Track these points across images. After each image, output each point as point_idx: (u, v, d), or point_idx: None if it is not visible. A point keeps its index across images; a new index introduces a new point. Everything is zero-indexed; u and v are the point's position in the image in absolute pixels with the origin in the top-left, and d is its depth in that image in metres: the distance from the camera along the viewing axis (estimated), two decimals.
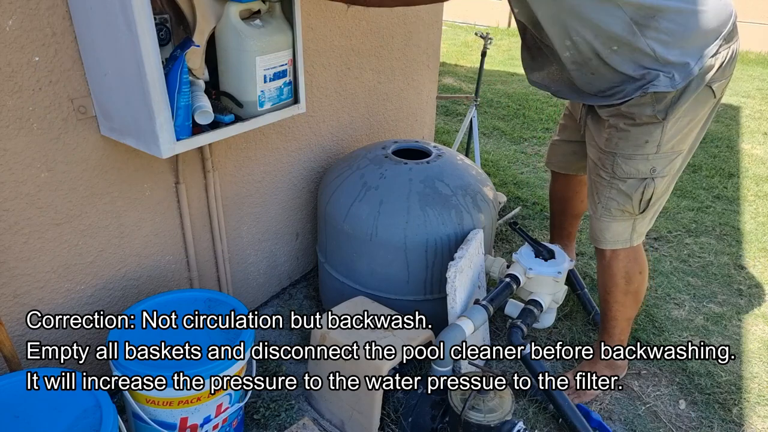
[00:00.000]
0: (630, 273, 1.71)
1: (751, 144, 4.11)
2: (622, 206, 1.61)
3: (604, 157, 1.61)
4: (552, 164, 2.13)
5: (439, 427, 1.57)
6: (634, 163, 1.55)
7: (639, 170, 1.55)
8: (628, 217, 1.63)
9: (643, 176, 1.56)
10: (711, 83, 1.46)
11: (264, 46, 1.43)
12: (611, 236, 1.67)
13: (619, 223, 1.65)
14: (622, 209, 1.62)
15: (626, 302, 1.75)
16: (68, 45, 1.31)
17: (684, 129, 1.52)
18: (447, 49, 7.02)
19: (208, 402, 1.41)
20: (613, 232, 1.66)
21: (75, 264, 1.51)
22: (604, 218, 1.65)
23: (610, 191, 1.61)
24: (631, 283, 1.72)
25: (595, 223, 1.69)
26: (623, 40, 1.40)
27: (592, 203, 1.69)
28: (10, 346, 1.33)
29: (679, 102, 1.46)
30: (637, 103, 1.49)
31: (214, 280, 1.96)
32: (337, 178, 1.98)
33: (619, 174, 1.58)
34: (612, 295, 1.76)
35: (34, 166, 1.34)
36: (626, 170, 1.57)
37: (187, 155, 1.67)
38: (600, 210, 1.66)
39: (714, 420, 1.79)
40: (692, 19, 1.39)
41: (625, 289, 1.73)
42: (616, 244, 1.68)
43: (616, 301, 1.76)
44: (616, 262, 1.71)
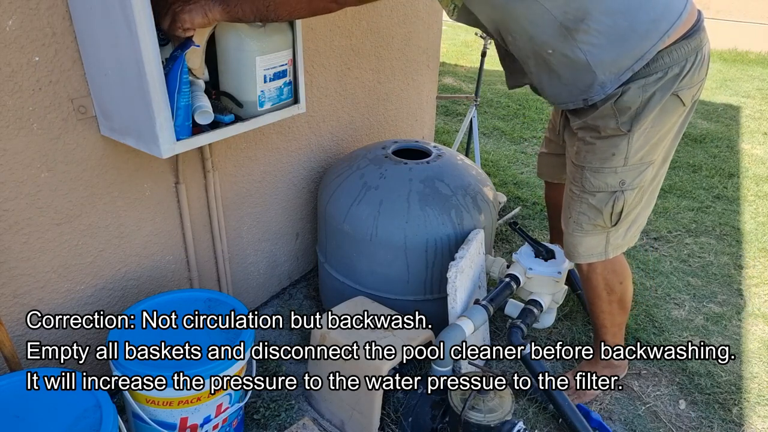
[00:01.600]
0: (610, 284, 1.70)
1: (751, 144, 4.11)
2: (593, 221, 1.59)
3: (574, 170, 1.59)
4: (542, 174, 2.12)
5: (439, 427, 1.57)
6: (603, 177, 1.52)
7: (608, 183, 1.52)
8: (601, 231, 1.61)
9: (612, 189, 1.52)
10: (677, 91, 1.42)
11: (264, 46, 1.43)
12: (584, 250, 1.64)
13: (592, 237, 1.62)
14: (593, 224, 1.59)
15: (612, 310, 1.75)
16: (68, 45, 1.31)
17: (653, 139, 1.49)
18: (447, 49, 7.02)
19: (208, 402, 1.41)
20: (586, 246, 1.63)
21: (75, 264, 1.51)
22: (576, 233, 1.62)
23: (581, 206, 1.58)
24: (613, 293, 1.71)
25: (568, 238, 1.66)
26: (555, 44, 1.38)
27: (564, 218, 1.66)
28: (10, 346, 1.33)
29: (644, 113, 1.42)
30: (601, 116, 1.46)
31: (214, 280, 1.96)
32: (337, 178, 1.98)
33: (588, 188, 1.55)
34: (596, 305, 1.75)
35: (34, 166, 1.34)
36: (595, 184, 1.54)
37: (187, 155, 1.67)
38: (572, 225, 1.63)
39: (714, 420, 1.79)
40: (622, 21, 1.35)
41: (608, 299, 1.72)
42: (591, 257, 1.65)
43: (602, 311, 1.76)
44: (594, 275, 1.69)
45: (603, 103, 1.43)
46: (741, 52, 7.07)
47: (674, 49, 1.38)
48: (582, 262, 1.67)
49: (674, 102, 1.45)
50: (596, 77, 1.39)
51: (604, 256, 1.64)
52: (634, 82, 1.39)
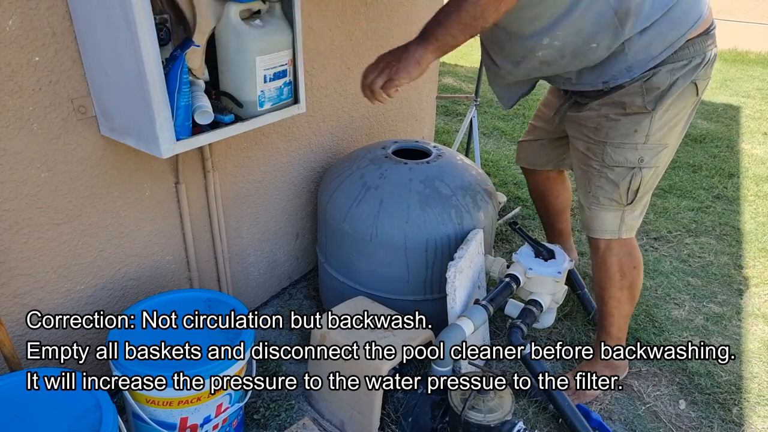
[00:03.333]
0: (624, 267, 1.74)
1: (751, 144, 4.11)
2: (609, 195, 1.66)
3: (594, 147, 1.65)
4: (521, 160, 2.22)
5: (439, 427, 1.57)
6: (623, 152, 1.60)
7: (627, 159, 1.60)
8: (617, 207, 1.67)
9: (631, 165, 1.60)
10: (695, 80, 1.52)
11: (264, 46, 1.43)
12: (599, 225, 1.71)
13: (608, 213, 1.69)
14: (609, 198, 1.66)
15: (622, 298, 1.78)
16: (68, 45, 1.31)
17: (670, 122, 1.57)
18: None
19: (208, 402, 1.41)
20: (601, 221, 1.70)
21: (75, 264, 1.51)
22: (593, 207, 1.70)
23: (599, 180, 1.66)
24: (626, 278, 1.75)
25: (585, 212, 1.75)
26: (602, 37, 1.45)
27: (583, 193, 1.74)
28: (10, 346, 1.33)
29: (667, 94, 1.51)
30: (628, 93, 1.54)
31: (214, 280, 1.96)
32: (337, 178, 1.98)
33: (608, 162, 1.62)
34: (607, 290, 1.78)
35: (34, 166, 1.34)
36: (615, 159, 1.61)
37: (187, 155, 1.67)
38: (590, 199, 1.70)
39: (714, 420, 1.79)
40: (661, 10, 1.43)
41: (620, 284, 1.75)
42: (605, 233, 1.71)
43: (611, 296, 1.78)
44: (610, 256, 1.73)
45: (631, 83, 1.52)
46: (741, 52, 7.07)
47: (697, 41, 1.48)
48: (596, 236, 1.73)
49: (691, 89, 1.54)
50: (628, 63, 1.49)
51: (617, 234, 1.70)
52: (663, 66, 1.49)
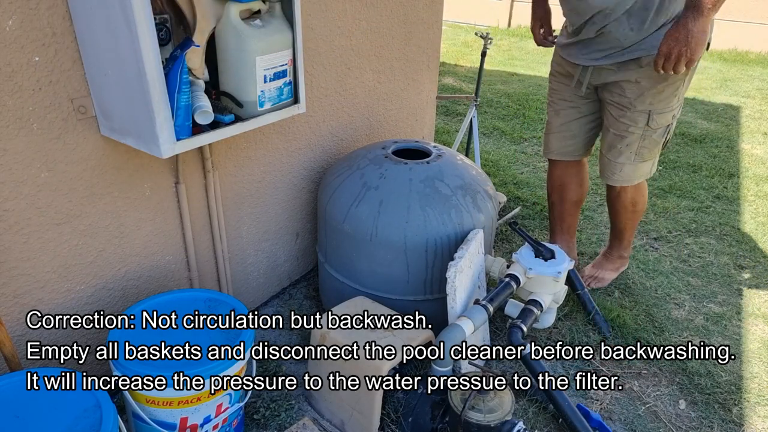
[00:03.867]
0: (636, 200, 2.13)
1: (751, 144, 4.11)
2: (652, 151, 1.99)
3: (635, 115, 1.92)
4: (552, 153, 2.31)
5: (439, 427, 1.57)
6: (665, 117, 1.91)
7: (666, 120, 1.93)
8: (653, 157, 2.03)
9: (668, 124, 1.94)
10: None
11: (264, 46, 1.43)
12: (640, 175, 2.04)
13: (646, 164, 2.02)
14: (652, 153, 2.00)
15: (634, 218, 2.21)
16: (68, 45, 1.31)
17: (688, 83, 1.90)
18: (447, 49, 7.02)
19: (208, 402, 1.41)
20: (641, 172, 2.04)
21: (75, 264, 1.51)
22: (636, 162, 2.00)
23: (643, 141, 1.95)
24: (638, 206, 2.15)
25: (625, 168, 2.01)
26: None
27: (619, 153, 2.00)
28: (10, 346, 1.33)
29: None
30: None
31: (214, 280, 1.96)
32: (337, 178, 1.98)
33: (653, 126, 1.92)
34: (622, 217, 2.19)
35: (34, 166, 1.34)
36: (660, 122, 1.92)
37: (187, 155, 1.67)
38: (632, 156, 1.99)
39: (714, 420, 1.79)
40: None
41: (632, 210, 2.16)
42: (641, 178, 2.05)
43: (626, 219, 2.20)
44: (625, 195, 2.11)
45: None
46: (741, 52, 7.07)
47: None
48: (635, 183, 2.05)
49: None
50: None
51: (649, 175, 2.07)
52: None
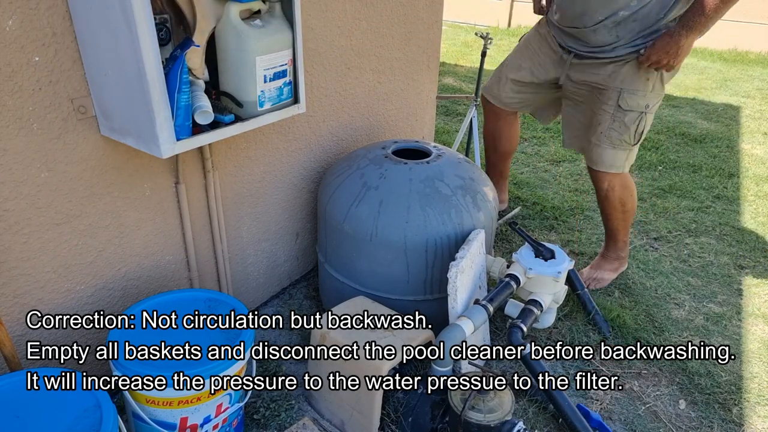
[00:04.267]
0: (624, 199, 2.14)
1: (751, 144, 4.11)
2: (621, 136, 1.96)
3: (608, 92, 1.94)
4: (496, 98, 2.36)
5: (439, 427, 1.57)
6: (636, 98, 1.90)
7: (639, 104, 1.90)
8: (625, 147, 1.99)
9: (640, 110, 1.91)
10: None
11: (264, 46, 1.43)
12: (610, 161, 2.02)
13: (617, 151, 1.99)
14: (621, 138, 1.96)
15: (625, 218, 2.22)
16: (68, 45, 1.31)
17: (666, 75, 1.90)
18: (447, 49, 7.02)
19: (208, 402, 1.41)
20: (612, 158, 2.01)
21: (75, 264, 1.51)
22: (604, 145, 2.00)
23: (613, 123, 1.95)
24: (626, 206, 2.16)
25: (596, 149, 2.02)
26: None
27: (592, 133, 2.02)
28: (10, 346, 1.33)
29: None
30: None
31: (214, 280, 1.96)
32: (337, 178, 1.98)
33: (623, 107, 1.91)
34: (613, 217, 2.21)
35: (34, 166, 1.34)
36: (630, 104, 1.90)
37: (187, 155, 1.67)
38: (602, 138, 1.99)
39: (714, 420, 1.79)
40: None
41: (622, 210, 2.17)
42: (612, 168, 2.03)
43: (617, 219, 2.22)
44: (612, 194, 2.11)
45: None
46: (741, 52, 7.07)
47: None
48: (605, 170, 2.04)
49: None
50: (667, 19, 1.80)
51: (623, 168, 2.05)
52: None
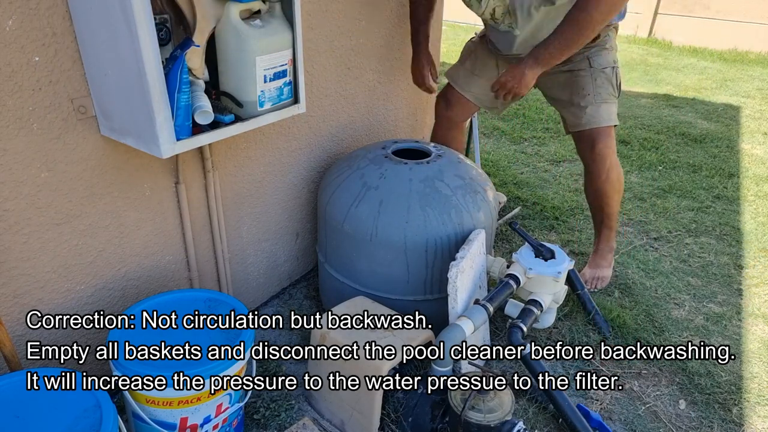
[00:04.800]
0: (620, 176, 2.23)
1: (751, 144, 4.11)
2: (608, 90, 2.11)
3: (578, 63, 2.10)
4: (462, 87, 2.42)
5: (439, 427, 1.57)
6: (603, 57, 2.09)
7: (608, 61, 2.10)
8: (613, 100, 2.14)
9: (611, 65, 2.11)
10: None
11: (264, 46, 1.43)
12: (607, 115, 2.12)
13: (609, 105, 2.13)
14: (608, 93, 2.12)
15: (618, 198, 2.29)
16: (68, 45, 1.31)
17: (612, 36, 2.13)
18: (447, 49, 7.02)
19: (208, 402, 1.41)
20: (608, 112, 2.13)
21: (75, 264, 1.51)
22: (598, 101, 2.12)
23: (597, 80, 2.10)
24: (621, 182, 2.25)
25: (590, 108, 2.12)
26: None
27: (582, 98, 2.13)
28: (10, 346, 1.33)
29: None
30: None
31: (214, 280, 1.96)
32: (337, 178, 1.98)
33: (596, 65, 2.09)
34: (613, 199, 2.26)
35: (34, 166, 1.34)
36: (600, 62, 2.09)
37: (187, 155, 1.67)
38: (595, 98, 2.12)
39: (714, 420, 1.79)
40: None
41: (620, 189, 2.26)
42: (610, 121, 2.13)
43: (614, 201, 2.27)
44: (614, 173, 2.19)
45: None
46: (741, 52, 7.07)
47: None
48: (603, 125, 2.13)
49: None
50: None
51: (616, 121, 2.16)
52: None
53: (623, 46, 7.50)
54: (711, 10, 7.32)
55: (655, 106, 4.97)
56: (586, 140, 2.17)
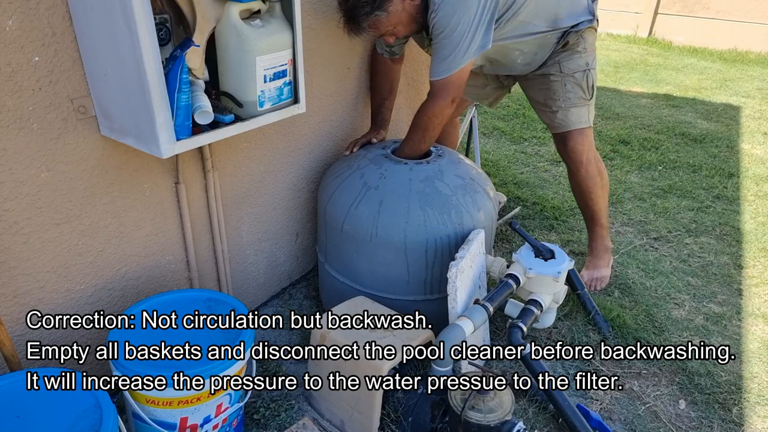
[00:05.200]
0: (600, 168, 2.27)
1: (751, 144, 4.11)
2: (578, 95, 2.13)
3: (548, 67, 2.13)
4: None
5: (439, 427, 1.57)
6: (574, 61, 2.10)
7: (579, 65, 2.10)
8: (584, 103, 2.16)
9: (583, 69, 2.11)
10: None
11: (264, 46, 1.43)
12: (576, 118, 2.17)
13: (579, 108, 2.16)
14: (579, 97, 2.14)
15: (604, 194, 2.31)
16: (68, 45, 1.31)
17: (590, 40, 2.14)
18: None
19: (208, 402, 1.41)
20: (577, 115, 2.17)
21: (75, 264, 1.51)
22: (568, 105, 2.15)
23: (567, 85, 2.13)
24: (602, 176, 2.27)
25: (560, 113, 2.17)
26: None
27: (554, 102, 2.17)
28: (10, 346, 1.33)
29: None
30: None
31: (214, 280, 1.96)
32: (337, 178, 1.98)
33: (566, 71, 2.11)
34: (594, 193, 2.28)
35: (34, 166, 1.34)
36: (571, 67, 2.10)
37: (187, 155, 1.67)
38: (566, 102, 2.15)
39: (714, 420, 1.79)
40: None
41: (601, 183, 2.27)
42: (581, 123, 2.17)
43: (598, 195, 2.29)
44: (591, 166, 2.23)
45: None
46: (741, 52, 7.07)
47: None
48: (574, 128, 2.18)
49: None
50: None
51: (588, 123, 2.19)
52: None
53: (623, 46, 7.50)
54: (711, 10, 7.33)
55: (655, 106, 4.97)
56: (561, 141, 2.24)
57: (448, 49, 1.79)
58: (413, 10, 1.80)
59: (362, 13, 1.76)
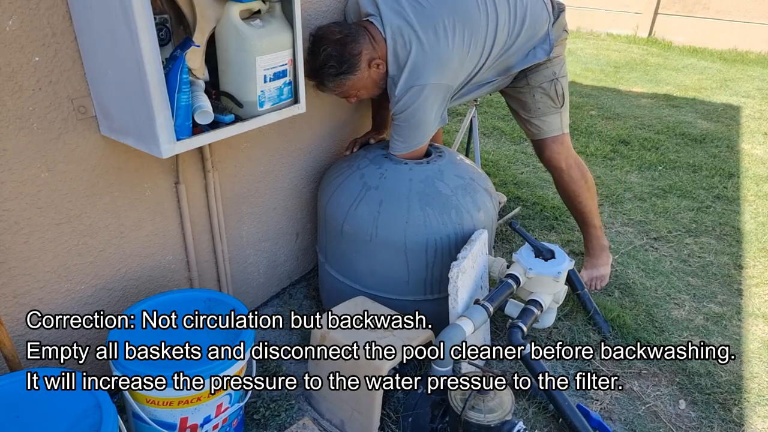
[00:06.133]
0: (582, 171, 2.28)
1: (751, 144, 4.11)
2: (547, 104, 2.18)
3: (517, 80, 2.17)
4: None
5: (439, 427, 1.57)
6: (540, 73, 2.13)
7: (545, 76, 2.14)
8: (555, 111, 2.20)
9: (550, 79, 2.14)
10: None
11: (264, 46, 1.43)
12: (548, 127, 2.22)
13: (552, 117, 2.21)
14: (549, 105, 2.19)
15: (591, 195, 2.32)
16: (68, 45, 1.31)
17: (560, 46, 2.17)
18: None
19: (208, 402, 1.41)
20: (549, 124, 2.22)
21: (75, 264, 1.51)
22: (540, 115, 2.21)
23: (536, 96, 2.18)
24: (586, 179, 2.29)
25: (534, 122, 2.23)
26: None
27: (526, 112, 2.24)
28: (10, 346, 1.33)
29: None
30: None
31: (214, 280, 1.96)
32: (337, 178, 1.98)
33: (533, 83, 2.16)
34: (581, 195, 2.30)
35: (34, 165, 1.34)
36: (538, 79, 2.14)
37: (187, 155, 1.67)
38: (537, 112, 2.21)
39: (714, 420, 1.79)
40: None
41: (586, 186, 2.29)
42: (553, 131, 2.22)
43: (585, 198, 2.31)
44: (572, 171, 2.26)
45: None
46: (741, 52, 7.07)
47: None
48: (548, 136, 2.23)
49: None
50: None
51: (561, 130, 2.23)
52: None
53: (623, 46, 7.51)
54: (711, 10, 7.32)
55: (655, 106, 4.97)
56: (538, 148, 2.30)
57: (406, 132, 1.90)
58: (378, 77, 1.88)
59: (328, 73, 1.81)
